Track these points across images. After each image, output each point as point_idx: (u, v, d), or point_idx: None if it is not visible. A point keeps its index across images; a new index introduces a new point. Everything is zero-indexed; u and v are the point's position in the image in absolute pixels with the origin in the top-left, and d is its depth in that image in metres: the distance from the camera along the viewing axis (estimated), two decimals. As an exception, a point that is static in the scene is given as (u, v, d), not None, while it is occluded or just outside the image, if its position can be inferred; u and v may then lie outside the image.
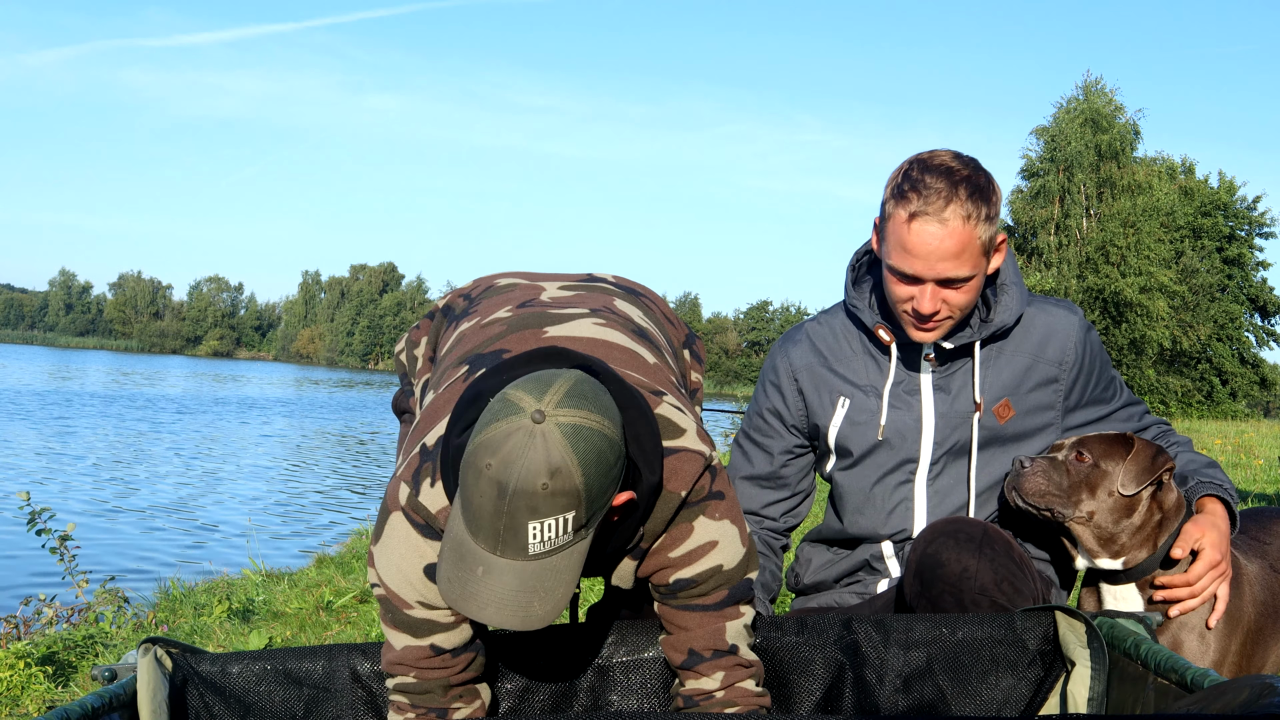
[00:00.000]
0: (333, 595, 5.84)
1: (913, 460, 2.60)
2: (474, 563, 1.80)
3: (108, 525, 11.33)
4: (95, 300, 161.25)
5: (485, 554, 1.79)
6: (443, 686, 2.05)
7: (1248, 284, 43.02)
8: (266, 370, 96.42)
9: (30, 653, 4.37)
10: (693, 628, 2.07)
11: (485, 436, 1.77)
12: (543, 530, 1.76)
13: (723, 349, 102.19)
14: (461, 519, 1.82)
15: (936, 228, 2.35)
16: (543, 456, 1.72)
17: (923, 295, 2.42)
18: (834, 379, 2.66)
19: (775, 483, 2.75)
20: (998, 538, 2.38)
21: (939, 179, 2.38)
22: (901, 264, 2.41)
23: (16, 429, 22.79)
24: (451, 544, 1.83)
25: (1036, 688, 2.12)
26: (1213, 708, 1.57)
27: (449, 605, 1.85)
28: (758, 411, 2.77)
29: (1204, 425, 22.19)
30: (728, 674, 2.08)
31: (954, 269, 2.38)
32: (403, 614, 2.03)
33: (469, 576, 1.79)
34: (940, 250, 2.36)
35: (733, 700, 2.07)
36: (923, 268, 2.38)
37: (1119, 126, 34.34)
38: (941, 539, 2.36)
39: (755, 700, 2.09)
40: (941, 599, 2.29)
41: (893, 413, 2.60)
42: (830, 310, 2.78)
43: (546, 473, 1.72)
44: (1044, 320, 2.61)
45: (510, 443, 1.73)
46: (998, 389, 2.58)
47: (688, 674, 2.09)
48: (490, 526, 1.76)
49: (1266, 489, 8.49)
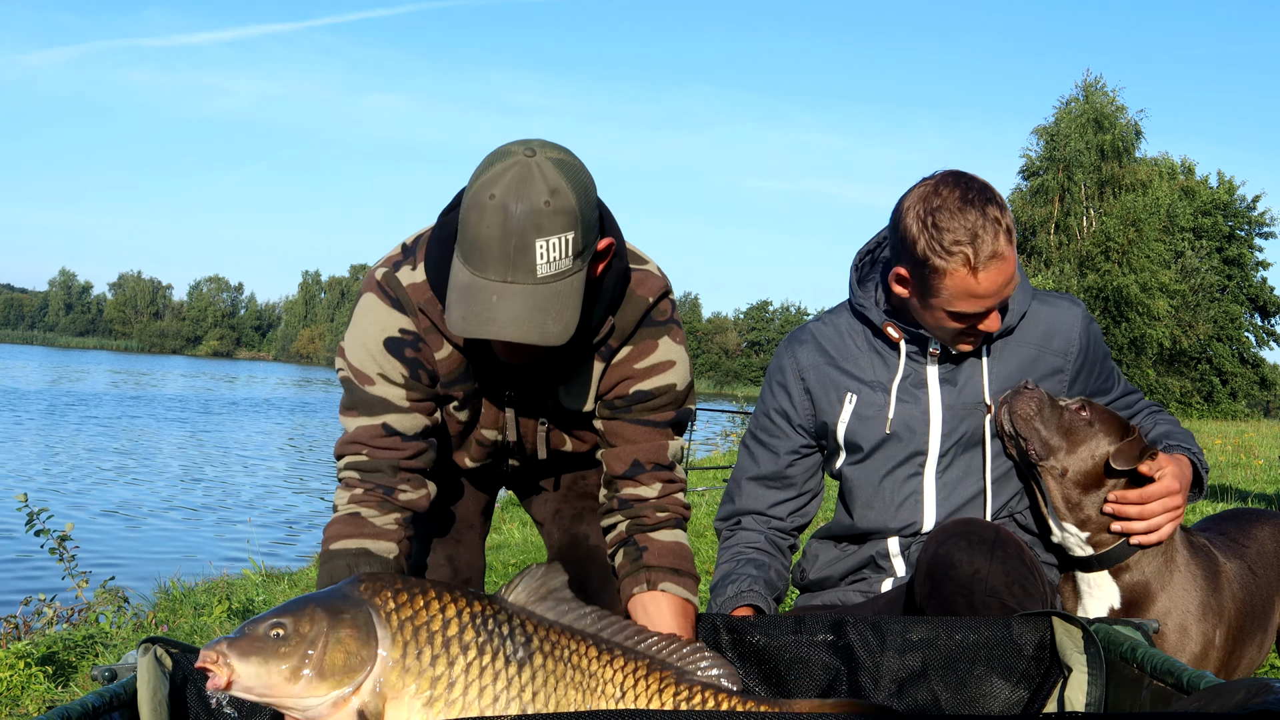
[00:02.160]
0: (332, 595, 5.84)
1: (921, 453, 2.62)
2: (486, 295, 1.95)
3: (108, 525, 11.33)
4: (95, 300, 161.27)
5: (496, 284, 1.95)
6: (392, 467, 2.21)
7: (1248, 284, 43.01)
8: (267, 370, 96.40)
9: (30, 653, 4.37)
10: (640, 440, 2.29)
11: (484, 178, 1.97)
12: (548, 250, 1.94)
13: (723, 349, 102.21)
14: (465, 266, 1.98)
15: (1000, 264, 2.40)
16: (541, 180, 1.94)
17: (992, 320, 2.50)
18: (841, 376, 2.68)
19: (782, 483, 2.76)
20: (1009, 540, 2.39)
21: (974, 214, 2.38)
22: (972, 307, 2.45)
23: (17, 428, 22.79)
24: (458, 289, 1.99)
25: (1033, 693, 2.12)
26: (1210, 708, 1.58)
27: (464, 337, 2.02)
28: (764, 412, 2.79)
29: (1204, 425, 22.19)
30: (664, 486, 2.31)
31: (1013, 285, 2.46)
32: (361, 391, 2.21)
33: (483, 307, 1.95)
34: (1006, 277, 2.43)
35: (666, 508, 2.32)
36: (994, 301, 2.45)
37: (1120, 126, 34.31)
38: (954, 540, 2.37)
39: (683, 512, 2.34)
40: (952, 600, 2.30)
41: (900, 406, 2.63)
42: (834, 310, 2.80)
43: (547, 192, 1.93)
44: (1048, 313, 2.65)
45: (509, 174, 1.94)
46: (1003, 380, 2.61)
47: (627, 483, 2.31)
48: (500, 252, 1.93)
49: (1266, 489, 8.49)
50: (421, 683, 1.79)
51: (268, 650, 1.74)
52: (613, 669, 1.90)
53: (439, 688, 1.80)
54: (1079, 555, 2.56)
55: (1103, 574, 2.55)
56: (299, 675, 1.73)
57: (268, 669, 1.73)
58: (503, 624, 1.86)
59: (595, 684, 1.87)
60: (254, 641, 1.75)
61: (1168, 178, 37.96)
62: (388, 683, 1.78)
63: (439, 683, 1.80)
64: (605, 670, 1.89)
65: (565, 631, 1.89)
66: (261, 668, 1.73)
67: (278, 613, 1.79)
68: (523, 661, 1.84)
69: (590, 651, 1.89)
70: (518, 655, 1.84)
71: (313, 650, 1.74)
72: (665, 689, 1.92)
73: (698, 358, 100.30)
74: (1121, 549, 2.52)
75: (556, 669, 1.86)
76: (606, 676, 1.89)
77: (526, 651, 1.85)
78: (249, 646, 1.74)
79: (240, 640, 1.75)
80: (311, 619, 1.77)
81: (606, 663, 1.90)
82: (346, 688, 1.76)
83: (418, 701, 1.79)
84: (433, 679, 1.80)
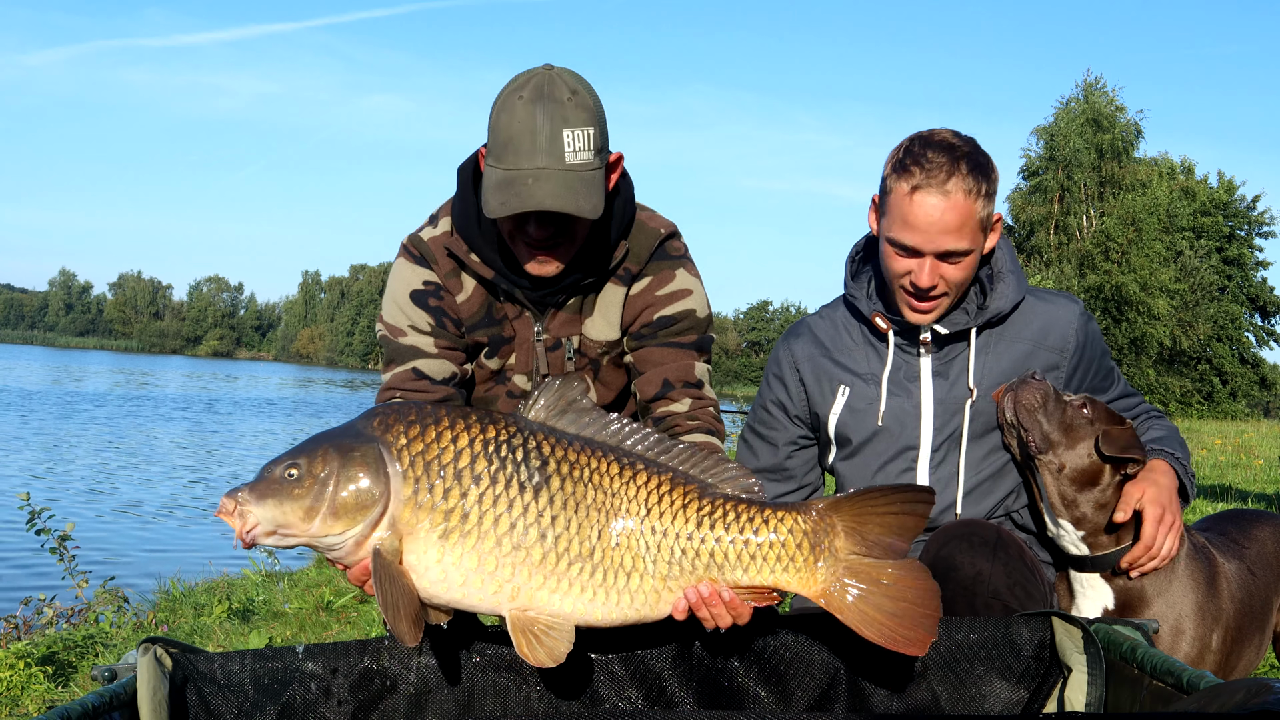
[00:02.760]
0: (333, 595, 5.85)
1: (913, 448, 2.62)
2: (522, 179, 2.18)
3: (107, 525, 11.32)
4: (95, 300, 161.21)
5: (530, 170, 2.17)
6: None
7: (1248, 284, 42.96)
8: (267, 370, 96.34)
9: (30, 653, 4.37)
10: (667, 362, 2.49)
11: (509, 87, 2.25)
12: (574, 140, 2.19)
13: (723, 349, 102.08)
14: (498, 165, 2.21)
15: (939, 200, 2.40)
16: (562, 83, 2.23)
17: (921, 269, 2.46)
18: (834, 368, 2.69)
19: (781, 475, 2.76)
20: (1011, 542, 2.39)
21: (941, 154, 2.43)
22: (902, 236, 2.45)
23: (16, 429, 22.78)
24: (493, 185, 2.21)
25: (1033, 694, 2.12)
26: (1210, 708, 1.58)
27: (504, 215, 2.23)
28: (762, 405, 2.79)
29: (1204, 425, 22.18)
30: (694, 401, 2.49)
31: (954, 242, 2.42)
32: (394, 344, 2.46)
33: (520, 188, 2.17)
34: (942, 223, 2.41)
35: (698, 416, 2.47)
36: (923, 240, 2.43)
37: (1120, 126, 34.28)
38: (955, 542, 2.37)
39: (717, 425, 2.50)
40: (954, 601, 2.29)
41: (892, 400, 2.63)
42: (831, 304, 2.81)
43: (569, 91, 2.22)
44: (1045, 309, 2.65)
45: (534, 80, 2.23)
46: (997, 375, 2.61)
47: (659, 403, 2.49)
48: (531, 142, 2.18)
49: (1266, 489, 8.48)
50: (435, 517, 1.81)
51: (283, 492, 1.79)
52: (635, 485, 1.89)
53: (453, 520, 1.81)
54: (1073, 553, 2.55)
55: (1095, 576, 2.54)
56: (314, 514, 1.78)
57: (283, 510, 1.78)
58: (517, 449, 1.86)
59: (618, 503, 1.88)
60: (270, 484, 1.80)
61: (1167, 178, 37.91)
62: (401, 519, 1.80)
63: (453, 515, 1.81)
64: (628, 488, 1.89)
65: (585, 448, 1.90)
66: (277, 509, 1.78)
67: (293, 453, 1.83)
68: (539, 486, 1.84)
69: (611, 468, 1.89)
70: (533, 480, 1.85)
71: (326, 490, 1.78)
72: (689, 504, 1.92)
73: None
74: (1117, 553, 2.51)
75: (576, 490, 1.86)
76: (630, 494, 1.88)
77: (543, 476, 1.85)
78: (265, 489, 1.80)
79: (257, 484, 1.81)
80: (324, 458, 1.81)
81: (629, 479, 1.89)
82: (362, 525, 1.79)
83: (434, 535, 1.81)
84: (446, 512, 1.81)
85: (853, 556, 1.93)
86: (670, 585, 1.90)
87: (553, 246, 2.31)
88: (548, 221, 2.27)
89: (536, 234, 2.29)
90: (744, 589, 1.94)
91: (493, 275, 2.43)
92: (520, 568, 1.83)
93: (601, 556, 1.86)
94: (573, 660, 2.13)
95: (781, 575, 1.93)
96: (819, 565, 1.93)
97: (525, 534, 1.83)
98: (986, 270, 2.63)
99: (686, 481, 1.93)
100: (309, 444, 1.86)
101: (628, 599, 1.89)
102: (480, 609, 1.87)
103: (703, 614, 1.92)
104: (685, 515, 1.90)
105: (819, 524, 1.94)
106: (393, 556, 1.80)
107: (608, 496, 1.88)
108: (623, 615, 1.90)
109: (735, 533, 1.91)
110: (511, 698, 2.15)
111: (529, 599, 1.85)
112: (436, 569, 1.82)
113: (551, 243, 2.30)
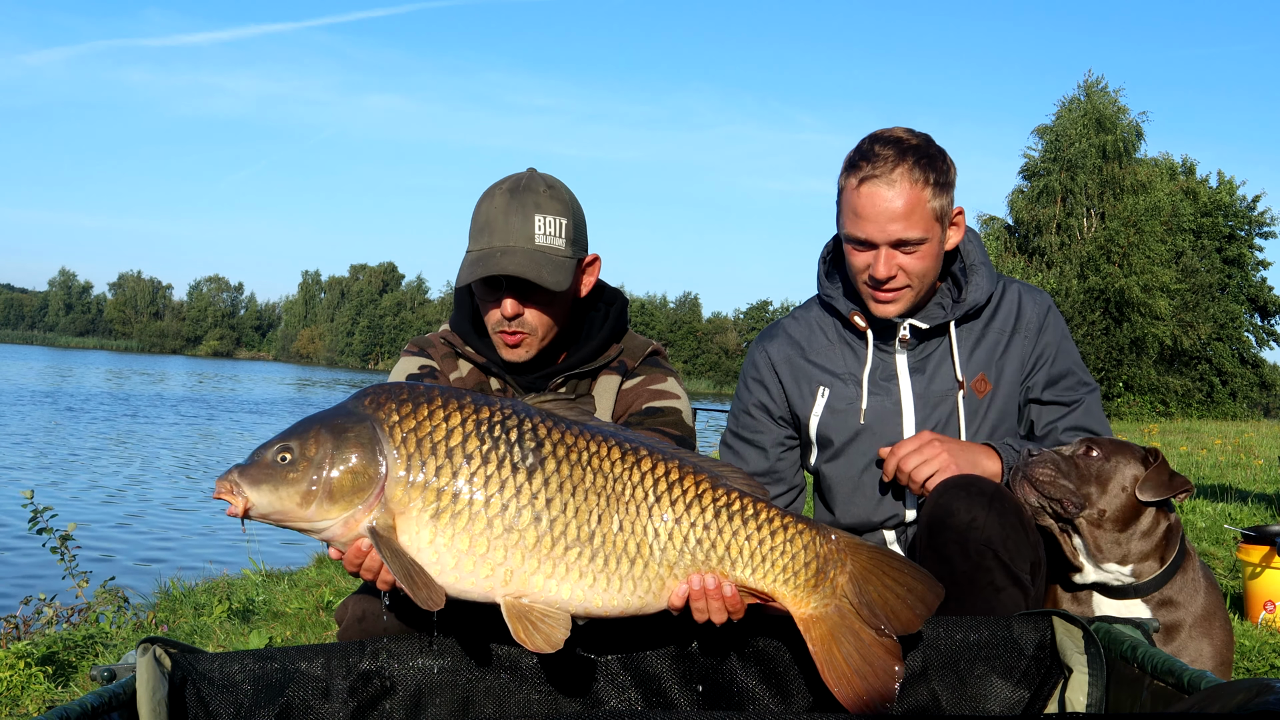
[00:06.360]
0: (333, 595, 5.84)
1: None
2: (492, 255, 2.30)
3: (107, 525, 11.32)
4: (95, 300, 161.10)
5: (501, 245, 2.30)
6: None
7: (1248, 284, 42.91)
8: (267, 370, 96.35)
9: (30, 653, 4.36)
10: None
11: (494, 183, 2.39)
12: (545, 224, 2.32)
13: (723, 349, 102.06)
14: (474, 249, 2.34)
15: (885, 188, 2.45)
16: (539, 179, 2.39)
17: (878, 260, 2.50)
18: (812, 369, 2.70)
19: (772, 478, 2.76)
20: (1008, 498, 2.40)
21: (888, 147, 2.49)
22: (855, 229, 2.50)
23: (17, 428, 22.77)
24: (467, 263, 2.35)
25: (1034, 694, 2.12)
26: (1210, 709, 1.58)
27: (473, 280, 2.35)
28: (744, 409, 2.79)
29: (1204, 425, 22.16)
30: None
31: (904, 230, 2.46)
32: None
33: (490, 260, 2.29)
34: (890, 210, 2.45)
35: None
36: (875, 230, 2.47)
37: (1122, 127, 34.24)
38: (954, 490, 2.38)
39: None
40: (947, 548, 2.31)
41: (872, 399, 2.64)
42: (805, 305, 2.83)
43: (547, 184, 2.38)
44: (1012, 297, 2.68)
45: (512, 178, 2.39)
46: (977, 363, 2.63)
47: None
48: (504, 224, 2.31)
49: (1266, 489, 8.47)
50: (427, 495, 1.80)
51: (277, 477, 1.78)
52: (639, 471, 1.87)
53: (444, 500, 1.80)
54: (1115, 586, 2.52)
55: (1135, 601, 2.51)
56: (310, 499, 1.78)
57: (279, 496, 1.79)
58: (511, 430, 1.85)
59: (620, 488, 1.85)
60: (264, 469, 1.79)
61: (1168, 178, 37.88)
62: (394, 499, 1.80)
63: (444, 495, 1.80)
64: (631, 473, 1.86)
65: (584, 432, 1.88)
66: (273, 495, 1.79)
67: (285, 435, 1.82)
68: (533, 468, 1.83)
69: (612, 453, 1.87)
70: (527, 462, 1.83)
71: (320, 473, 1.78)
72: (704, 493, 1.89)
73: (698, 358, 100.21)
74: (1162, 577, 2.48)
75: (573, 474, 1.84)
76: (633, 480, 1.86)
77: (537, 457, 1.84)
78: (259, 474, 1.79)
79: (251, 468, 1.80)
80: (317, 441, 1.80)
81: (631, 464, 1.87)
82: (357, 506, 1.79)
83: (425, 515, 1.80)
84: (437, 491, 1.80)
85: (845, 600, 1.94)
86: (676, 574, 1.89)
87: (520, 325, 2.37)
88: (517, 295, 2.33)
89: (506, 312, 2.35)
90: (744, 588, 1.94)
91: (484, 361, 2.50)
92: (513, 551, 1.82)
93: (602, 541, 1.85)
94: (572, 661, 2.13)
95: (781, 586, 1.93)
96: (816, 591, 1.93)
97: (518, 516, 1.81)
98: (959, 265, 2.67)
99: (696, 470, 1.92)
100: (301, 425, 1.85)
101: (630, 586, 1.88)
102: (475, 594, 1.86)
103: (699, 605, 1.91)
104: (701, 504, 1.89)
105: (833, 553, 1.94)
106: (388, 534, 1.80)
107: (609, 481, 1.86)
108: (624, 603, 1.89)
109: (753, 529, 1.91)
110: (510, 699, 2.15)
111: (523, 584, 1.83)
112: (429, 550, 1.81)
113: (519, 322, 2.36)
